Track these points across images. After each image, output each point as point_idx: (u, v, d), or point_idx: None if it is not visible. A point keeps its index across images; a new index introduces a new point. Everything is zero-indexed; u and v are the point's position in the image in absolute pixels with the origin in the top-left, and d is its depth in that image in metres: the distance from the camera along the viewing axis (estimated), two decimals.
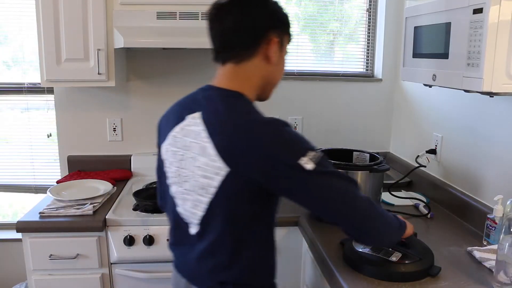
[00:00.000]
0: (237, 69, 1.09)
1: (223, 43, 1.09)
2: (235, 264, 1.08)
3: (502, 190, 1.50)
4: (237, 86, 1.08)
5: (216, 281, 1.09)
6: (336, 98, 2.44)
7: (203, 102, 1.08)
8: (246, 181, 0.99)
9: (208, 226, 1.07)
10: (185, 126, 1.09)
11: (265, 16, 1.08)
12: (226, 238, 1.06)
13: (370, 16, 2.45)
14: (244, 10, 1.06)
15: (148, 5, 1.89)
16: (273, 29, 1.09)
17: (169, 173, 1.15)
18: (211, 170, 1.01)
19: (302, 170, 0.96)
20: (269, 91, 1.18)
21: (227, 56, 1.09)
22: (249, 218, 1.06)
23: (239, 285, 1.10)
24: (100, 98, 2.29)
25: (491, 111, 1.58)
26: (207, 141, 1.02)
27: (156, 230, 1.76)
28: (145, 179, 2.23)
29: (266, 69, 1.11)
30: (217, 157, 1.00)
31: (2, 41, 2.39)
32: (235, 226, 1.05)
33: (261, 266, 1.13)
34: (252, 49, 1.08)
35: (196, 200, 1.07)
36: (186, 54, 2.30)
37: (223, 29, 1.07)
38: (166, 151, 1.16)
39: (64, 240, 1.73)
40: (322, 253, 1.40)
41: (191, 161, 1.06)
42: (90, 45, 1.92)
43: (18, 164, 2.47)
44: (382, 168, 1.58)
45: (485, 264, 1.30)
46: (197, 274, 1.13)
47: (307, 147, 0.98)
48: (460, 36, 1.25)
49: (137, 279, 1.78)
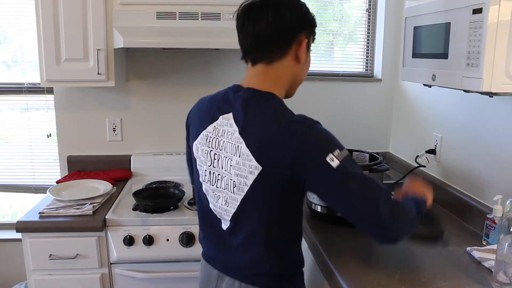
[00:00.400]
0: (268, 70, 1.11)
1: (256, 43, 1.09)
2: (270, 257, 1.12)
3: (502, 190, 1.50)
4: (268, 86, 1.10)
5: (250, 273, 1.14)
6: (335, 98, 2.44)
7: (235, 103, 1.09)
8: (278, 178, 1.03)
9: (241, 222, 1.11)
10: (218, 126, 1.11)
11: (297, 18, 1.09)
12: (259, 233, 1.09)
13: (369, 16, 2.46)
14: (278, 11, 1.07)
15: (148, 5, 1.88)
16: (303, 30, 1.11)
17: (201, 171, 1.18)
18: (245, 169, 1.04)
19: (329, 166, 0.98)
20: (295, 89, 1.21)
21: (259, 56, 1.10)
22: (280, 212, 1.09)
23: (272, 275, 1.14)
24: (99, 98, 2.29)
25: (490, 111, 1.58)
26: (241, 141, 1.05)
27: (156, 230, 1.76)
28: (145, 179, 2.23)
29: (295, 69, 1.13)
30: (251, 156, 1.03)
31: (2, 41, 2.39)
32: (267, 221, 1.09)
33: (293, 255, 1.17)
34: (284, 50, 1.10)
35: (229, 198, 1.10)
36: (186, 54, 2.30)
37: (257, 30, 1.07)
38: (197, 150, 1.18)
39: (63, 240, 1.73)
40: (322, 253, 1.40)
41: (225, 160, 1.09)
42: (89, 45, 1.92)
43: (18, 164, 2.47)
44: (382, 168, 1.58)
45: (485, 264, 1.30)
46: (230, 266, 1.17)
47: (335, 145, 1.01)
48: (459, 36, 1.25)
49: (137, 279, 1.78)
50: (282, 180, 1.03)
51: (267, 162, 1.02)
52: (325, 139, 1.02)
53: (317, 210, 1.64)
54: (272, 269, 1.13)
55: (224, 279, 1.18)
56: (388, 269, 1.28)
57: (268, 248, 1.11)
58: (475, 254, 1.35)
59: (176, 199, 1.87)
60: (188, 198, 1.93)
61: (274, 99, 1.09)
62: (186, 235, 1.75)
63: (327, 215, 1.62)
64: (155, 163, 2.29)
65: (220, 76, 2.33)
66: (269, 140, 1.01)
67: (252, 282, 1.13)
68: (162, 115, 2.34)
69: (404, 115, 2.33)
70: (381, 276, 1.24)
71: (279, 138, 1.00)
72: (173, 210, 1.84)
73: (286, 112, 1.06)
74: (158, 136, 2.36)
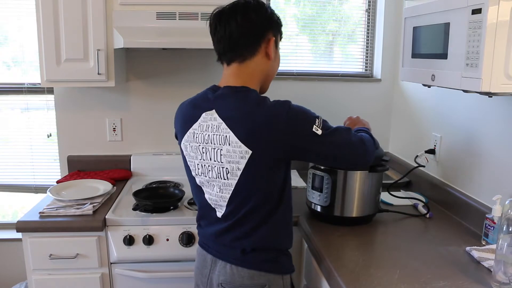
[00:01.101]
0: (242, 68, 1.25)
1: (228, 45, 1.23)
2: (256, 231, 1.24)
3: (501, 190, 1.50)
4: (243, 82, 1.24)
5: (239, 249, 1.26)
6: (335, 98, 2.44)
7: (215, 100, 1.22)
8: (268, 158, 1.17)
9: (236, 205, 1.23)
10: (202, 122, 1.23)
11: (263, 19, 1.24)
12: (253, 213, 1.23)
13: (369, 16, 2.46)
14: (245, 15, 1.21)
15: (148, 6, 1.89)
16: (270, 29, 1.26)
17: (192, 167, 1.30)
18: (236, 155, 1.17)
19: (316, 135, 1.18)
20: (268, 84, 1.34)
21: (232, 56, 1.24)
22: (272, 190, 1.23)
23: (258, 254, 1.26)
24: (99, 98, 2.30)
25: (489, 111, 1.58)
26: (228, 131, 1.17)
27: (156, 230, 1.76)
28: (145, 179, 2.24)
29: (267, 65, 1.28)
30: (239, 143, 1.16)
31: (2, 41, 2.39)
32: (260, 201, 1.22)
33: (283, 229, 1.30)
34: (254, 49, 1.24)
35: (223, 184, 1.23)
36: (186, 54, 2.30)
37: (228, 32, 1.21)
38: (186, 148, 1.30)
39: (64, 240, 1.73)
40: (322, 253, 1.40)
41: (213, 151, 1.21)
42: (89, 45, 1.93)
43: (18, 164, 2.48)
44: (381, 168, 1.59)
45: (484, 264, 1.30)
46: (223, 250, 1.29)
47: (313, 116, 1.20)
48: (459, 37, 1.26)
49: (137, 278, 1.78)
50: (273, 158, 1.18)
51: (256, 145, 1.15)
52: (304, 114, 1.19)
53: (317, 210, 1.65)
54: (259, 243, 1.25)
55: (218, 262, 1.30)
56: (388, 269, 1.28)
57: (261, 224, 1.24)
58: (474, 254, 1.36)
59: (176, 199, 1.88)
60: (188, 198, 1.93)
61: (250, 91, 1.22)
62: (186, 235, 1.76)
63: (327, 215, 1.62)
64: (155, 163, 2.30)
65: (219, 76, 2.32)
66: (256, 125, 1.15)
67: (242, 263, 1.26)
68: (162, 115, 2.35)
69: (403, 115, 2.33)
70: (380, 276, 1.24)
71: (265, 122, 1.14)
72: (173, 210, 1.84)
73: (265, 99, 1.19)
74: (158, 136, 2.37)
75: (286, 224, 1.31)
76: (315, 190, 1.63)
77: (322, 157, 1.26)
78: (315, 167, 1.62)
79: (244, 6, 1.22)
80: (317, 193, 1.62)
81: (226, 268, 1.27)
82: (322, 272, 1.39)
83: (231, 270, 1.27)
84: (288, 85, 2.38)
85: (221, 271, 1.28)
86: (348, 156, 1.29)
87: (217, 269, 1.30)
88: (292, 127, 1.16)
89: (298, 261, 1.79)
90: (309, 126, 1.17)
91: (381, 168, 1.57)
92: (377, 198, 1.65)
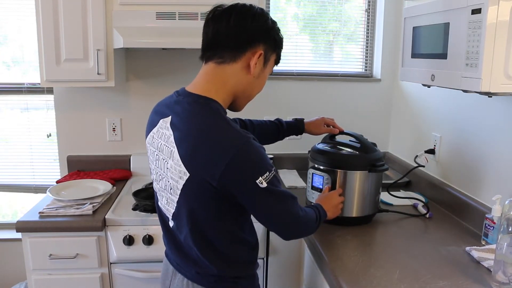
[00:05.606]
0: (217, 70, 1.13)
1: (211, 42, 1.12)
2: (209, 258, 1.14)
3: (501, 190, 1.50)
4: (211, 89, 1.12)
5: (194, 271, 1.18)
6: (335, 98, 2.44)
7: (175, 107, 1.13)
8: (206, 186, 1.04)
9: (180, 222, 1.14)
10: (160, 128, 1.15)
11: (258, 29, 1.12)
12: (194, 235, 1.12)
13: (369, 16, 2.46)
14: (241, 17, 1.11)
15: (148, 5, 1.89)
16: (262, 43, 1.13)
17: (151, 170, 1.24)
18: (176, 173, 1.08)
19: (257, 187, 1.04)
20: (242, 103, 1.21)
21: (212, 54, 1.13)
22: (211, 217, 1.11)
23: (213, 276, 1.17)
24: (99, 98, 2.30)
25: (489, 111, 1.58)
26: (174, 146, 1.07)
27: (156, 230, 1.76)
28: (145, 179, 2.24)
29: (244, 79, 1.14)
30: (180, 162, 1.06)
31: (2, 41, 2.39)
32: (199, 225, 1.11)
33: (237, 258, 1.19)
34: (236, 54, 1.11)
35: (169, 198, 1.15)
36: (186, 54, 2.30)
37: (216, 29, 1.11)
38: (148, 149, 1.24)
39: (63, 240, 1.73)
40: (322, 253, 1.40)
41: (163, 162, 1.13)
42: (89, 45, 1.93)
43: (18, 164, 2.47)
44: (381, 168, 1.59)
45: (484, 264, 1.30)
46: (181, 263, 1.21)
47: (265, 168, 1.05)
48: (458, 37, 1.26)
49: (137, 278, 1.78)
50: (210, 189, 1.05)
51: (195, 170, 1.04)
52: (255, 161, 1.04)
53: None
54: (212, 270, 1.16)
55: (177, 275, 1.23)
56: (388, 269, 1.28)
57: (205, 250, 1.14)
58: (474, 254, 1.36)
59: None
60: None
61: (211, 107, 1.09)
62: None
63: None
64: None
65: None
66: (199, 149, 1.03)
67: (198, 281, 1.17)
68: None
69: (403, 115, 2.33)
70: (380, 276, 1.24)
71: (209, 151, 1.02)
72: None
73: (222, 123, 1.06)
74: None
75: (243, 253, 1.20)
76: (315, 190, 1.63)
77: (255, 211, 1.12)
78: (315, 167, 1.62)
79: (242, 9, 1.12)
80: (317, 193, 1.62)
81: (183, 283, 1.20)
82: (322, 272, 1.39)
83: (187, 286, 1.19)
84: (288, 85, 2.38)
85: (178, 285, 1.21)
86: (279, 223, 1.16)
87: (176, 282, 1.23)
88: (235, 169, 1.01)
89: (298, 261, 1.80)
90: (253, 176, 1.03)
91: (380, 168, 1.57)
92: (376, 198, 1.65)
